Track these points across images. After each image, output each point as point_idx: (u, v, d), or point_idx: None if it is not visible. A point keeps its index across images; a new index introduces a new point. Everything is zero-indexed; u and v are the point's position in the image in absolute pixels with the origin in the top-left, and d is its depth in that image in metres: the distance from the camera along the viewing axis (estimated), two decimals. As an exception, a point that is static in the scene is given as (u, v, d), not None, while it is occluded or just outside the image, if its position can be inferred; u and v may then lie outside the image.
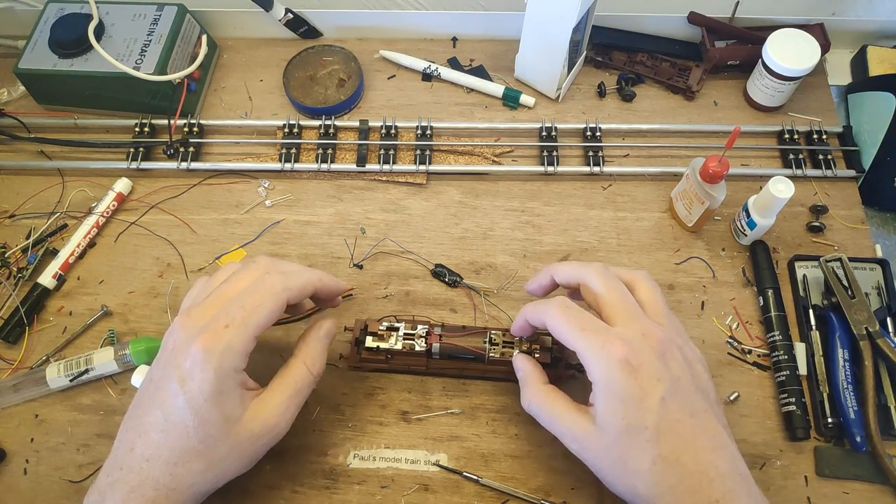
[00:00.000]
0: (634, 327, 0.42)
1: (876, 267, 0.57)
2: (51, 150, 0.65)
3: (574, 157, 0.65)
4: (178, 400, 0.40)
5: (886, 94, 0.61)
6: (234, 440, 0.41)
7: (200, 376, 0.39)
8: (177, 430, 0.40)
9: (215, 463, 0.41)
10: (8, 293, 0.57)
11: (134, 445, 0.41)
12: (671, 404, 0.40)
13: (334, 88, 0.67)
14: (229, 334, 0.40)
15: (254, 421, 0.41)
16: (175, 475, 0.40)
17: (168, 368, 0.41)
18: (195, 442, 0.40)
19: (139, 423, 0.41)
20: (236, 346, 0.40)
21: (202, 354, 0.40)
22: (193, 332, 0.41)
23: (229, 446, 0.41)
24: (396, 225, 0.61)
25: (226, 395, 0.40)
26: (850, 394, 0.50)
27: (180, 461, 0.40)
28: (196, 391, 0.39)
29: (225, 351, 0.40)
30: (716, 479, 0.39)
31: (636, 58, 0.69)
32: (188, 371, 0.40)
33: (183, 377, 0.40)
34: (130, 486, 0.40)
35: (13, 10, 0.68)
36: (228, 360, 0.40)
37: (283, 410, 0.43)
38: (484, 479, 0.49)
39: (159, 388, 0.41)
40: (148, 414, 0.41)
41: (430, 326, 0.51)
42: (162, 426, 0.40)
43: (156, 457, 0.40)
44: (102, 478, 0.41)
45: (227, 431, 0.40)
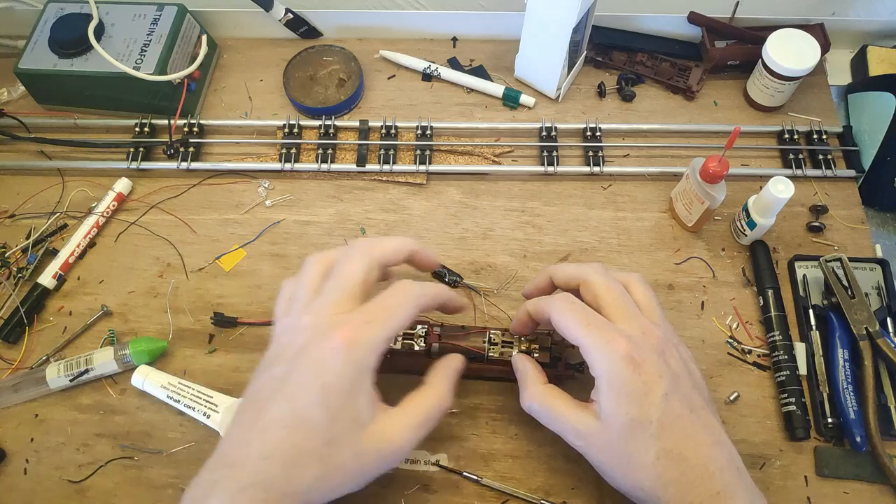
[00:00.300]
0: (635, 325, 0.43)
1: (876, 267, 0.57)
2: (51, 150, 0.65)
3: (574, 157, 0.65)
4: (310, 393, 0.38)
5: (886, 94, 0.61)
6: (357, 449, 0.39)
7: (339, 370, 0.38)
8: (304, 427, 0.38)
9: (333, 472, 0.38)
10: (8, 293, 0.57)
11: (250, 441, 0.38)
12: (673, 400, 0.40)
13: (334, 88, 0.67)
14: (371, 330, 0.39)
15: (379, 434, 0.40)
16: (291, 478, 0.37)
17: (299, 362, 0.39)
18: (319, 443, 0.38)
19: (259, 418, 0.39)
20: (377, 343, 0.40)
21: (343, 347, 0.38)
22: (330, 326, 0.39)
23: (351, 454, 0.39)
24: (396, 225, 0.61)
25: (359, 395, 0.39)
26: (850, 394, 0.50)
27: (300, 463, 0.38)
28: (332, 384, 0.38)
29: (366, 346, 0.39)
30: (716, 473, 0.40)
31: (636, 58, 0.69)
32: (325, 363, 0.38)
33: (319, 370, 0.38)
34: (240, 485, 0.37)
35: (13, 10, 0.68)
36: (368, 357, 0.39)
37: (410, 434, 0.41)
38: (484, 478, 0.49)
39: (286, 381, 0.39)
40: (271, 408, 0.39)
41: (429, 326, 0.51)
42: (288, 421, 0.38)
43: (275, 455, 0.38)
44: (206, 474, 0.39)
45: (353, 437, 0.39)
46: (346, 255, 0.44)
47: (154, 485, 0.50)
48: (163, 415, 0.52)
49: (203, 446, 0.51)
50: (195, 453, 0.51)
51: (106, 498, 0.50)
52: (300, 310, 0.42)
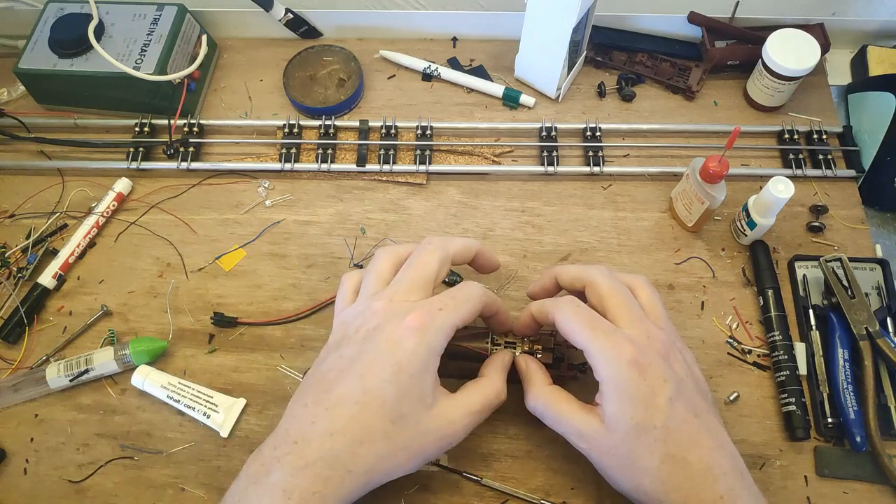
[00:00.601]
0: (640, 329, 0.43)
1: (876, 267, 0.57)
2: (51, 150, 0.65)
3: (574, 157, 0.65)
4: (383, 371, 0.39)
5: (886, 94, 0.61)
6: (421, 428, 0.40)
7: (413, 349, 0.40)
8: (374, 404, 0.39)
9: (396, 450, 0.40)
10: (8, 293, 0.57)
11: (317, 418, 0.39)
12: (677, 404, 0.41)
13: (334, 88, 0.67)
14: (443, 317, 0.42)
15: (441, 416, 0.41)
16: (356, 455, 0.39)
17: (372, 342, 0.41)
18: (387, 421, 0.39)
19: (327, 397, 0.40)
20: (447, 327, 0.42)
21: (417, 328, 0.40)
22: (403, 310, 0.41)
23: (414, 433, 0.40)
24: (396, 225, 0.61)
25: (427, 375, 0.41)
26: (850, 394, 0.50)
27: (367, 440, 0.39)
28: (405, 363, 0.40)
29: (439, 329, 0.41)
30: (720, 477, 0.40)
31: (636, 58, 0.69)
32: (399, 342, 0.40)
33: (393, 349, 0.40)
34: (305, 462, 0.38)
35: (13, 10, 0.68)
36: (438, 340, 0.41)
37: (468, 418, 0.43)
38: (484, 479, 0.49)
39: (357, 360, 0.41)
40: (340, 386, 0.40)
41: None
42: (358, 398, 0.39)
43: (342, 432, 0.39)
44: (268, 450, 0.40)
45: (418, 416, 0.40)
46: (422, 248, 0.46)
47: (154, 485, 0.50)
48: (163, 415, 0.52)
49: (203, 446, 0.51)
50: (195, 453, 0.51)
51: (106, 498, 0.50)
52: (370, 297, 0.44)
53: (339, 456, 0.38)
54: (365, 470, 0.39)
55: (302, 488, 0.38)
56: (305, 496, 0.37)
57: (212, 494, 0.49)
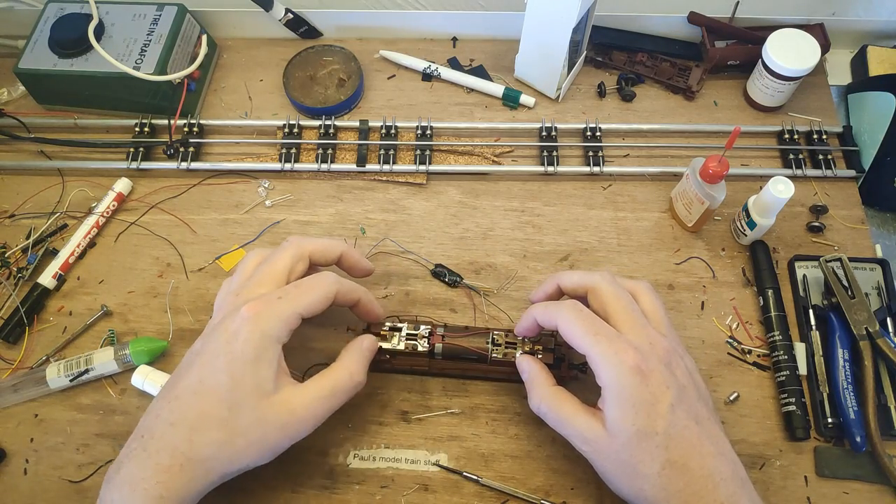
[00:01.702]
0: (642, 336, 0.43)
1: (876, 267, 0.57)
2: (51, 150, 0.65)
3: (574, 157, 0.65)
4: (218, 361, 0.41)
5: (886, 94, 0.61)
6: (260, 415, 0.41)
7: (245, 336, 0.41)
8: (209, 393, 0.40)
9: (235, 437, 0.40)
10: (8, 293, 0.57)
11: (161, 412, 0.41)
12: (679, 411, 0.41)
13: (334, 88, 0.67)
14: (280, 305, 0.42)
15: (283, 404, 0.42)
16: (194, 443, 0.40)
17: (213, 335, 0.42)
18: (223, 408, 0.40)
19: (172, 389, 0.42)
20: (285, 316, 0.42)
21: (251, 316, 0.41)
22: (244, 302, 0.43)
23: (253, 421, 0.41)
24: (396, 225, 0.61)
25: (263, 363, 0.41)
26: (850, 394, 0.50)
27: (202, 427, 0.40)
28: (238, 352, 0.41)
29: (273, 317, 0.42)
30: (720, 484, 0.40)
31: (636, 58, 0.69)
32: (234, 332, 0.41)
33: (228, 339, 0.41)
34: (148, 453, 0.40)
35: (13, 10, 0.68)
36: (274, 327, 0.42)
37: (316, 406, 0.43)
38: (484, 479, 0.49)
39: (201, 353, 0.42)
40: (184, 378, 0.42)
41: (432, 327, 0.51)
42: (195, 388, 0.41)
43: (180, 421, 0.40)
44: (124, 450, 0.42)
45: (255, 403, 0.41)
46: (279, 247, 0.47)
47: (154, 485, 0.50)
48: (163, 415, 0.52)
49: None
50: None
51: (106, 498, 0.50)
52: (228, 295, 0.46)
53: (178, 445, 0.40)
54: (204, 457, 0.40)
55: (145, 479, 0.39)
56: (149, 486, 0.39)
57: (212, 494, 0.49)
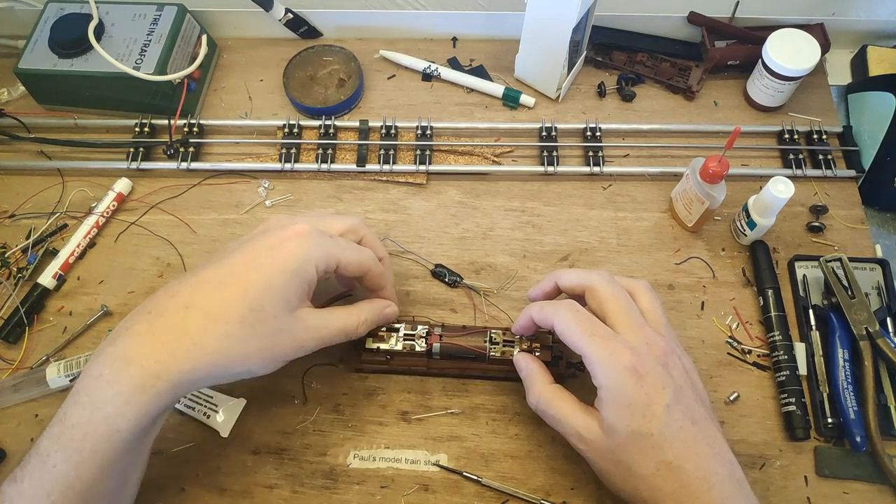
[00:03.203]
0: (639, 336, 0.42)
1: (876, 267, 0.57)
2: (51, 150, 0.65)
3: (574, 157, 0.65)
4: (257, 260, 0.40)
5: (886, 94, 0.61)
6: (277, 326, 0.41)
7: (293, 248, 0.41)
8: (237, 286, 0.39)
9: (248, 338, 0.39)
10: (8, 293, 0.57)
11: (178, 293, 0.40)
12: (675, 412, 0.40)
13: (334, 88, 0.67)
14: (330, 242, 0.43)
15: (300, 320, 0.42)
16: (207, 330, 0.38)
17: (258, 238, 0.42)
18: (245, 306, 0.39)
19: (194, 276, 0.41)
20: (330, 252, 0.43)
21: (304, 233, 0.42)
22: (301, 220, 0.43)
23: (269, 329, 0.40)
24: (396, 225, 0.61)
25: (298, 281, 0.41)
26: (850, 394, 0.50)
27: (220, 318, 0.39)
28: (280, 259, 0.40)
29: (322, 245, 0.42)
30: (716, 485, 0.40)
31: (636, 58, 0.69)
32: (281, 241, 0.41)
33: (273, 245, 0.41)
34: (153, 330, 0.38)
35: (13, 10, 0.68)
36: (319, 254, 0.42)
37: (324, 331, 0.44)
38: (484, 479, 0.49)
39: (238, 250, 0.41)
40: (211, 269, 0.41)
41: (430, 326, 0.51)
42: (223, 278, 0.40)
43: (197, 305, 0.39)
44: (121, 325, 0.40)
45: (278, 313, 0.40)
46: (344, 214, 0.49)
47: (154, 485, 0.50)
48: (163, 415, 0.52)
49: (203, 446, 0.51)
50: (195, 453, 0.51)
51: (106, 498, 0.49)
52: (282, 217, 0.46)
53: (190, 328, 0.38)
54: (212, 349, 0.38)
55: (144, 356, 0.37)
56: (147, 364, 0.37)
57: (212, 494, 0.49)
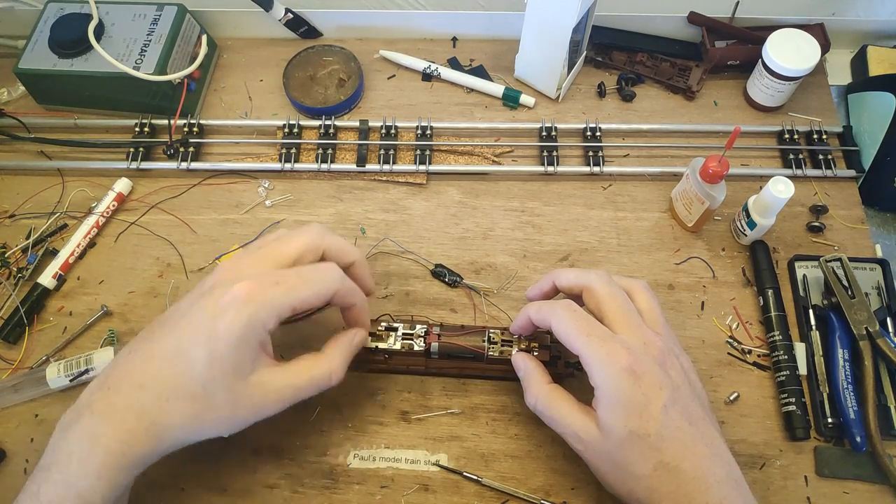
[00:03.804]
0: (637, 336, 0.42)
1: (876, 267, 0.57)
2: (51, 150, 0.65)
3: (574, 157, 0.65)
4: (199, 335, 0.39)
5: (886, 94, 0.61)
6: (233, 395, 0.40)
7: (232, 317, 0.39)
8: (184, 364, 0.39)
9: (205, 412, 0.40)
10: (8, 293, 0.57)
11: (133, 369, 0.40)
12: (672, 412, 0.40)
13: (334, 88, 0.67)
14: (275, 291, 0.40)
15: (258, 387, 0.40)
16: (162, 410, 0.39)
17: (201, 302, 0.40)
18: (197, 384, 0.39)
19: (147, 348, 0.41)
20: (278, 304, 0.40)
21: (244, 297, 0.39)
22: (241, 276, 0.41)
23: (226, 399, 0.40)
24: (396, 225, 0.61)
25: (246, 347, 0.39)
26: (850, 394, 0.50)
27: (173, 396, 0.39)
28: (221, 330, 0.38)
29: (265, 303, 0.39)
30: (713, 485, 0.40)
31: (636, 58, 0.69)
32: (222, 309, 0.39)
33: (215, 314, 0.39)
34: (114, 409, 0.39)
35: (13, 10, 0.68)
36: (264, 314, 0.39)
37: (289, 393, 0.42)
38: (484, 479, 0.49)
39: (184, 317, 0.40)
40: (161, 341, 0.40)
41: (428, 326, 0.51)
42: (170, 355, 0.39)
43: (151, 385, 0.39)
44: (85, 396, 0.40)
45: (230, 384, 0.39)
46: (298, 229, 0.45)
47: (154, 485, 0.50)
48: (163, 415, 0.52)
49: (203, 446, 0.51)
50: (195, 453, 0.51)
51: (106, 498, 0.49)
52: (235, 258, 0.43)
53: (147, 408, 0.39)
54: (170, 424, 0.39)
55: (107, 435, 0.38)
56: (110, 444, 0.38)
57: (212, 494, 0.49)
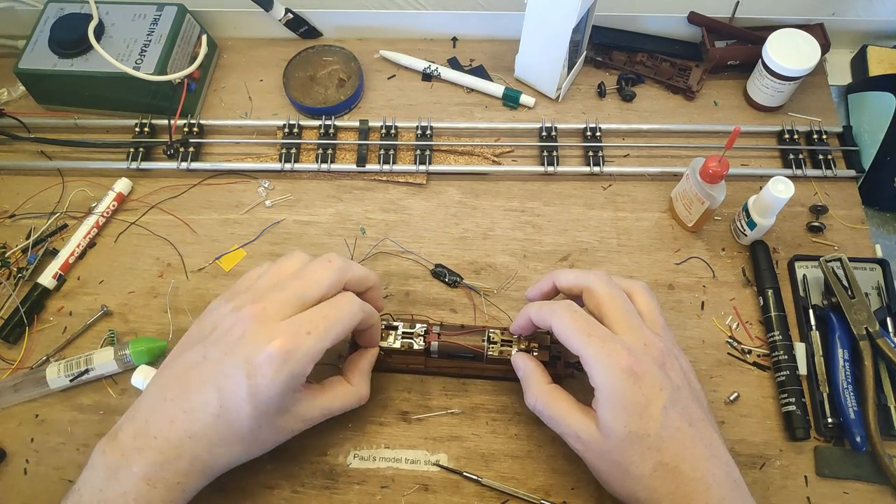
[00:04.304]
0: (637, 337, 0.42)
1: (876, 267, 0.57)
2: (51, 150, 0.65)
3: (574, 157, 0.65)
4: (240, 391, 0.40)
5: (886, 94, 0.61)
6: (277, 429, 0.43)
7: (273, 376, 0.40)
8: (231, 417, 0.41)
9: (252, 449, 0.43)
10: (8, 293, 0.57)
11: (176, 419, 0.41)
12: (672, 413, 0.40)
13: (334, 88, 0.67)
14: (309, 341, 0.41)
15: (298, 415, 0.43)
16: (215, 454, 0.41)
17: (234, 355, 0.40)
18: (245, 431, 0.41)
19: (186, 398, 0.41)
20: (313, 353, 0.41)
21: (281, 356, 0.40)
22: (271, 329, 0.40)
23: (271, 434, 0.43)
24: (396, 225, 0.61)
25: (288, 395, 0.42)
26: (850, 394, 0.50)
27: (223, 443, 0.41)
28: (263, 388, 0.40)
29: (303, 357, 0.40)
30: (713, 486, 0.40)
31: (636, 58, 0.69)
32: (259, 367, 0.39)
33: (253, 372, 0.40)
34: (166, 458, 0.40)
35: (13, 10, 0.68)
36: (303, 366, 0.41)
37: (321, 415, 0.45)
38: (484, 479, 0.49)
39: (219, 371, 0.40)
40: (200, 393, 0.41)
41: (428, 325, 0.51)
42: (216, 410, 0.40)
43: (201, 436, 0.41)
44: (128, 440, 0.41)
45: (275, 422, 0.42)
46: (320, 264, 0.44)
47: (154, 485, 0.50)
48: (163, 415, 0.52)
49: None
50: (195, 453, 0.51)
51: (106, 498, 0.50)
52: (253, 296, 0.43)
53: (199, 454, 0.41)
54: (223, 464, 0.43)
55: (165, 479, 0.40)
56: (170, 485, 0.40)
57: (212, 494, 0.49)
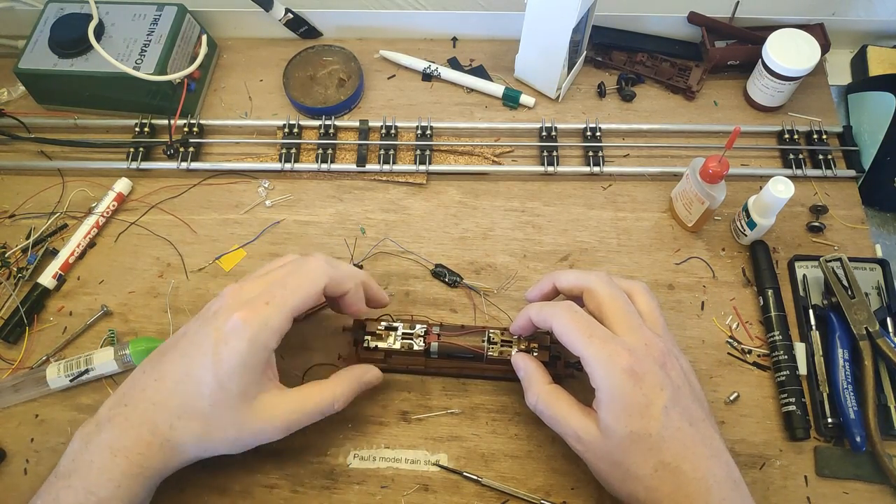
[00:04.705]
0: (638, 337, 0.42)
1: (876, 267, 0.57)
2: (51, 150, 0.65)
3: (574, 157, 0.65)
4: (205, 359, 0.41)
5: (886, 94, 0.61)
6: (239, 418, 0.42)
7: (234, 344, 0.41)
8: (193, 386, 0.41)
9: (212, 432, 0.42)
10: (8, 293, 0.57)
11: (147, 388, 0.42)
12: (672, 413, 0.41)
13: (334, 88, 0.67)
14: (268, 311, 0.42)
15: (262, 412, 0.43)
16: (174, 427, 0.41)
17: (206, 327, 0.42)
18: (205, 404, 0.41)
19: (159, 368, 0.43)
20: (273, 323, 0.42)
21: (241, 324, 0.41)
22: (239, 303, 0.43)
23: (231, 421, 0.42)
24: (396, 225, 0.61)
25: (250, 370, 0.42)
26: (850, 394, 0.50)
27: (184, 416, 0.41)
28: (225, 356, 0.41)
29: (262, 326, 0.41)
30: (713, 486, 0.40)
31: (636, 58, 0.69)
32: (224, 336, 0.41)
33: (218, 340, 0.41)
34: (130, 424, 0.41)
35: (13, 10, 0.68)
36: (263, 335, 0.42)
37: (292, 419, 0.44)
38: (484, 479, 0.49)
39: (192, 342, 0.43)
40: (171, 362, 0.43)
41: (428, 326, 0.51)
42: (180, 377, 0.42)
43: (163, 403, 0.42)
44: (104, 410, 0.43)
45: (236, 405, 0.42)
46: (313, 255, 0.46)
47: (154, 485, 0.50)
48: (163, 415, 0.52)
49: (203, 446, 0.51)
50: (195, 453, 0.51)
51: (106, 498, 0.50)
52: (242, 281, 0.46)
53: (160, 425, 0.41)
54: (181, 442, 0.42)
55: (127, 448, 0.41)
56: (130, 455, 0.41)
57: (212, 494, 0.49)
